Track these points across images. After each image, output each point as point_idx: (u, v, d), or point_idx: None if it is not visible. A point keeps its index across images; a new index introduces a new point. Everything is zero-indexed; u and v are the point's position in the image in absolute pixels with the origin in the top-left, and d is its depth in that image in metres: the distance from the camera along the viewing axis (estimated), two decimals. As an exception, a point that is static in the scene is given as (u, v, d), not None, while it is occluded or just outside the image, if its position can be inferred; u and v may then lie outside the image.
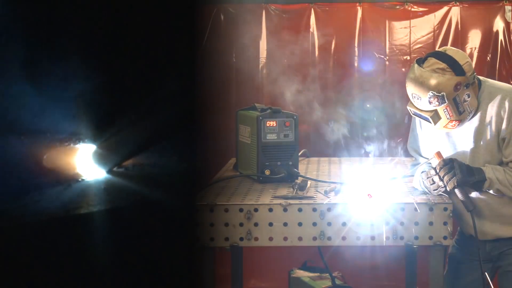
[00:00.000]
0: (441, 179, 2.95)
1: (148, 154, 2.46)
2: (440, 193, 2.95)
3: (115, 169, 2.45)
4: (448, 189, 2.95)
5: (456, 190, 2.96)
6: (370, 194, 2.83)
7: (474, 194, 3.11)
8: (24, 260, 2.17)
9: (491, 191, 3.05)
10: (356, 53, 5.25)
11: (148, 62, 2.36)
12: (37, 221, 2.20)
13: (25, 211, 2.18)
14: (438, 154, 3.03)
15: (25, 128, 2.21)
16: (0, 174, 2.16)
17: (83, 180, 2.41)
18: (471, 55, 5.09)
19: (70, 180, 2.36)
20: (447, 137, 3.18)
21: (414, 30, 5.23)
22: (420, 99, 3.00)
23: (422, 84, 2.97)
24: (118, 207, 2.38)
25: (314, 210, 2.76)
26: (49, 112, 2.23)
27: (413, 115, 3.17)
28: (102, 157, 2.42)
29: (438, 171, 2.97)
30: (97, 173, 2.44)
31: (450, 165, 2.97)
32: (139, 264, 2.32)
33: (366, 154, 3.44)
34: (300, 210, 2.77)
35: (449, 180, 2.94)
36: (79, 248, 2.24)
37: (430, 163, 3.07)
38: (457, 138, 3.16)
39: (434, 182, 2.98)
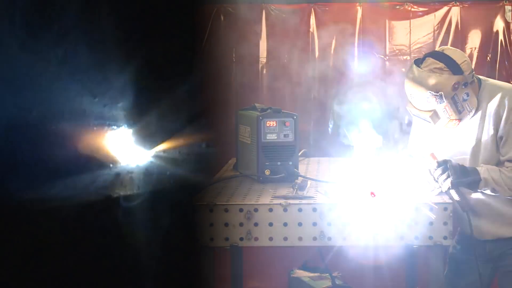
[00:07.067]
0: (436, 181, 2.95)
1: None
2: (436, 194, 2.95)
3: (151, 153, 2.44)
4: (443, 190, 2.95)
5: (452, 191, 2.96)
6: (373, 192, 2.82)
7: (474, 194, 3.11)
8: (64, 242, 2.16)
9: (487, 191, 3.04)
10: (356, 53, 5.25)
11: (147, 62, 2.36)
12: (78, 203, 2.18)
13: (68, 194, 2.17)
14: (433, 155, 3.03)
15: (64, 113, 2.20)
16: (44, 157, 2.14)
17: (120, 164, 2.40)
18: (471, 55, 5.08)
19: (108, 164, 2.35)
20: (448, 137, 3.18)
21: (414, 30, 5.22)
22: (419, 99, 3.00)
23: (420, 84, 2.97)
24: (155, 191, 2.37)
25: (314, 210, 2.76)
26: (85, 97, 2.22)
27: (413, 116, 3.17)
28: (138, 142, 2.41)
29: (432, 172, 2.97)
30: (135, 158, 2.42)
31: (444, 166, 2.96)
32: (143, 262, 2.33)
33: (366, 154, 3.43)
34: (300, 210, 2.76)
35: (444, 181, 2.94)
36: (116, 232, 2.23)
37: (430, 163, 3.07)
38: (458, 138, 3.16)
39: (429, 184, 2.98)
